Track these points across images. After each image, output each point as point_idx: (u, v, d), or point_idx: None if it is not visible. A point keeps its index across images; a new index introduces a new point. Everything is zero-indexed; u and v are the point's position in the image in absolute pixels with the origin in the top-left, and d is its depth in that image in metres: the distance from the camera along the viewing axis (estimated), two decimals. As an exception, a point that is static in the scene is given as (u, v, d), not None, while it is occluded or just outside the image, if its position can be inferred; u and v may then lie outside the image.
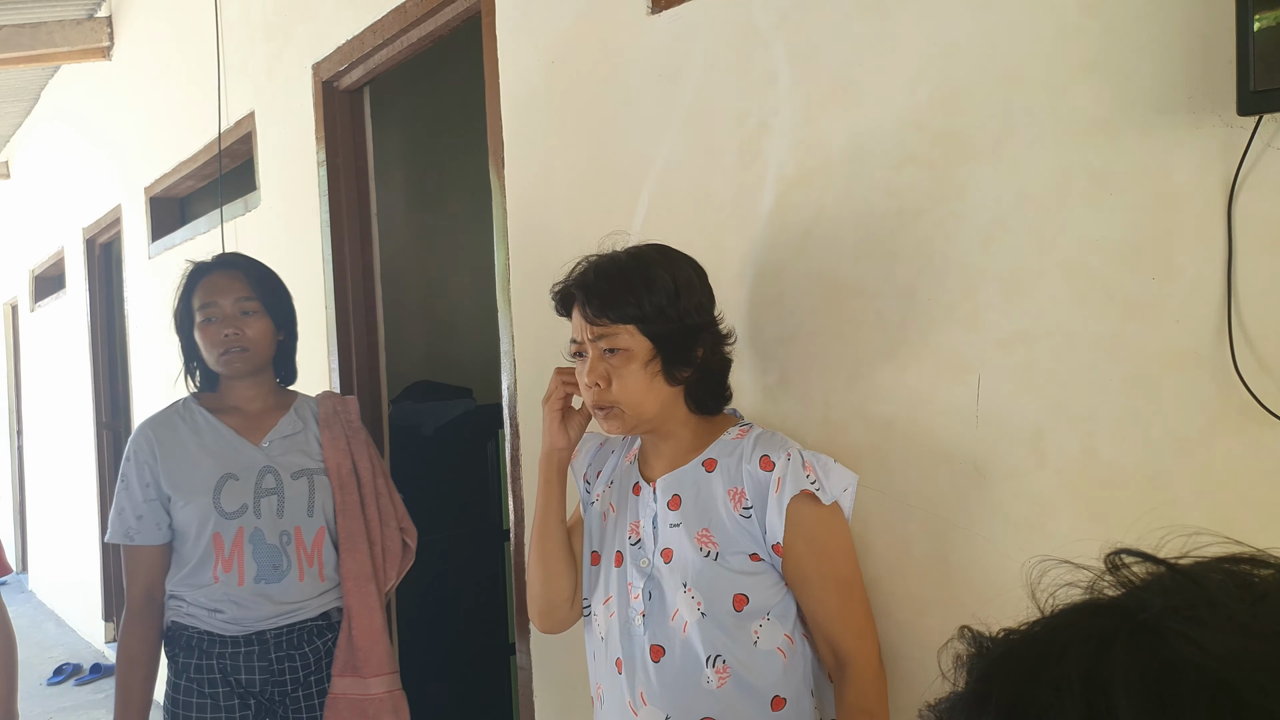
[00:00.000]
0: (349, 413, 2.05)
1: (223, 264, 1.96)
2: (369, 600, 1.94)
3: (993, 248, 1.20)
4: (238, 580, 1.86)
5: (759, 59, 1.50)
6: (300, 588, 1.91)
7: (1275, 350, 0.97)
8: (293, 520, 1.91)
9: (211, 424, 1.94)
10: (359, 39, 2.60)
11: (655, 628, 1.32)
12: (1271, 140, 0.96)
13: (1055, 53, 1.14)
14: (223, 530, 1.86)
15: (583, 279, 1.30)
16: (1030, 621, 0.44)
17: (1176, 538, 0.48)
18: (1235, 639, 0.38)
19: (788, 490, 1.24)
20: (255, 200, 3.32)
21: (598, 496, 1.47)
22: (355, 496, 1.96)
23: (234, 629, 1.88)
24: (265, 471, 1.91)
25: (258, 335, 1.91)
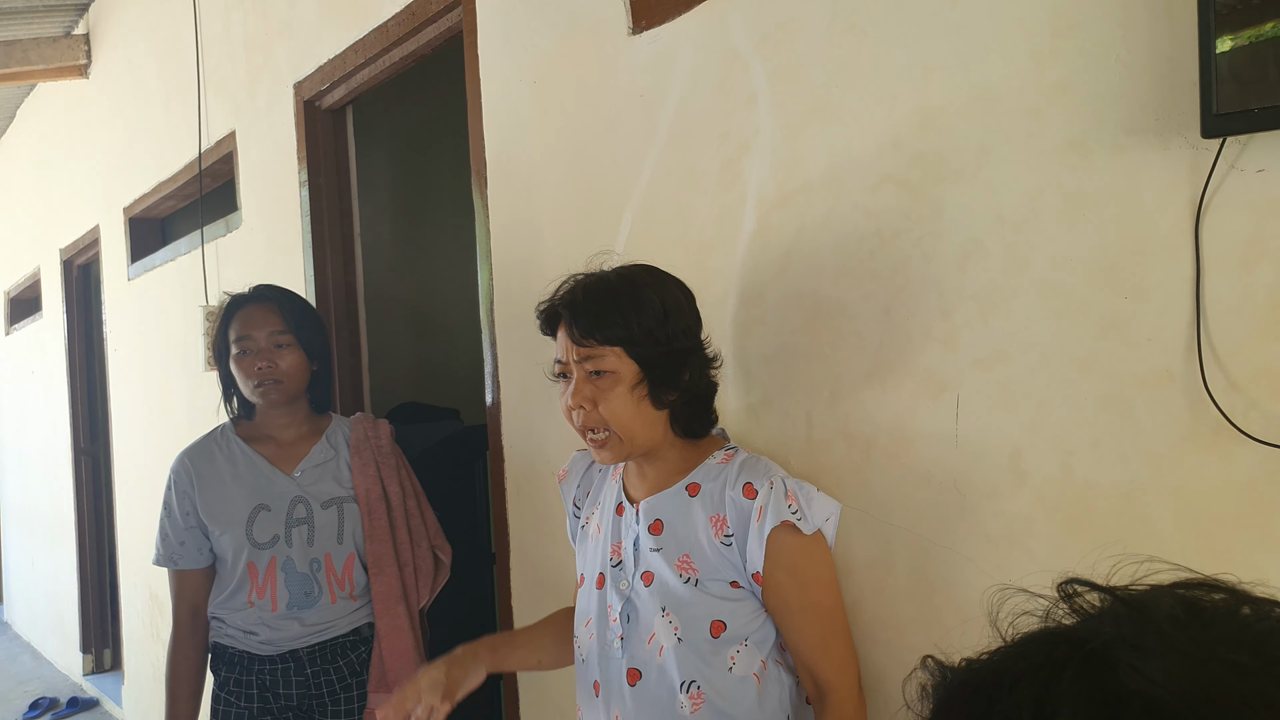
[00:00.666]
0: (380, 437, 2.11)
1: (257, 297, 2.03)
2: (398, 622, 2.02)
3: (969, 267, 1.22)
4: (271, 607, 1.97)
5: (739, 79, 1.52)
6: (332, 609, 2.00)
7: (1243, 368, 0.98)
8: (323, 548, 1.99)
9: (246, 454, 2.03)
10: (341, 58, 2.61)
11: (632, 651, 1.31)
12: (1235, 162, 0.98)
13: (1029, 74, 1.16)
14: (256, 560, 1.96)
15: (570, 298, 1.28)
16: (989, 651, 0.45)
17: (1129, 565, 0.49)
18: (1179, 666, 0.39)
19: (769, 520, 1.24)
20: (237, 220, 3.31)
21: (588, 519, 1.46)
22: (384, 521, 2.03)
23: (268, 649, 1.99)
24: (297, 501, 2.00)
25: (290, 367, 1.98)
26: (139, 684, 4.44)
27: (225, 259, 3.41)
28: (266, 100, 3.04)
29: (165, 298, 3.94)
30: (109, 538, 5.18)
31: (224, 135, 3.33)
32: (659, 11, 1.65)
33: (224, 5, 3.27)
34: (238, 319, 2.00)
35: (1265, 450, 0.96)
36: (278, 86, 2.95)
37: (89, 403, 5.46)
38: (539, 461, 2.01)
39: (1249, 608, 0.42)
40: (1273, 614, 0.42)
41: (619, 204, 1.75)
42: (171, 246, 3.92)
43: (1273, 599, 0.43)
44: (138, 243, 4.36)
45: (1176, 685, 0.38)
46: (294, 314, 2.01)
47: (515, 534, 2.11)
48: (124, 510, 4.67)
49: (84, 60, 4.82)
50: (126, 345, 4.49)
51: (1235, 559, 0.99)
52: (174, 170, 3.79)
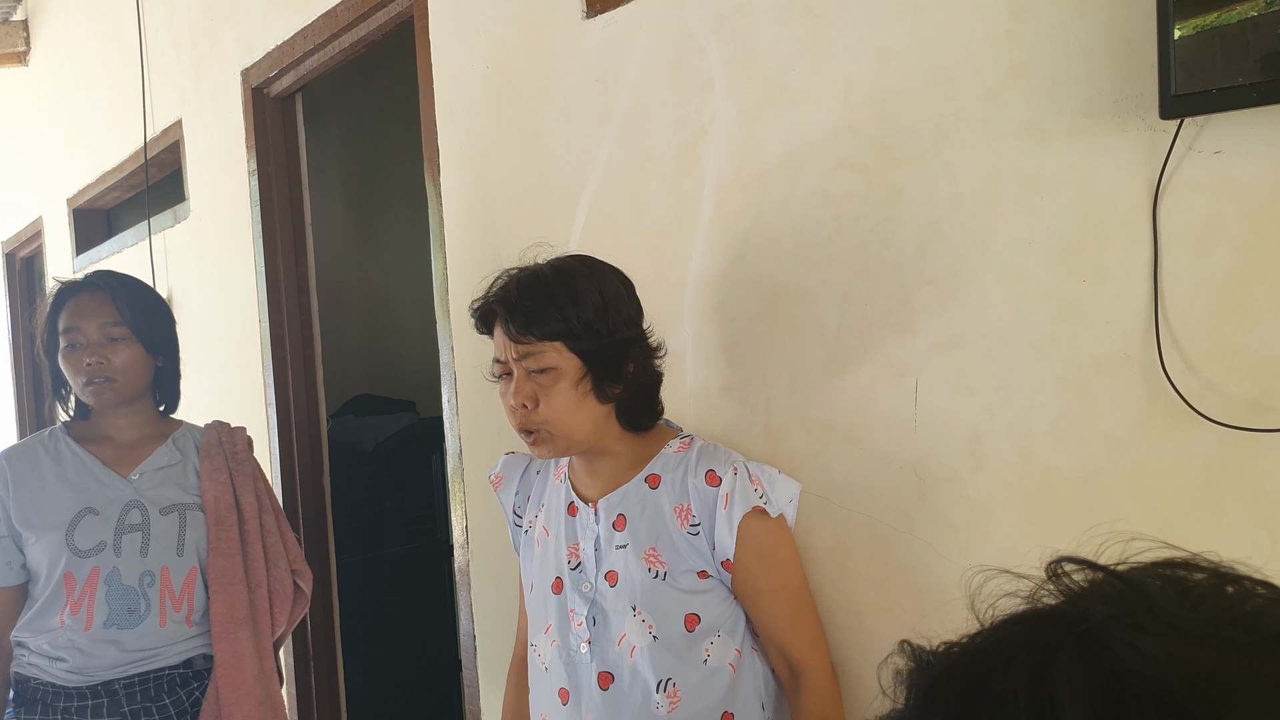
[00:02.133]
0: (235, 443, 1.90)
1: (90, 285, 1.79)
2: (238, 647, 1.76)
3: (927, 252, 1.21)
4: (85, 624, 1.69)
5: (695, 64, 1.50)
6: (160, 634, 1.73)
7: (1200, 350, 0.98)
8: (159, 559, 1.74)
9: (76, 454, 1.79)
10: (289, 44, 2.55)
11: (602, 654, 1.27)
12: (1193, 143, 0.97)
13: (985, 57, 1.15)
14: (75, 569, 1.70)
15: (504, 294, 1.24)
16: (971, 634, 0.44)
17: (1114, 544, 0.48)
18: (1177, 645, 0.38)
19: (737, 508, 1.22)
20: (185, 211, 3.23)
21: (529, 523, 1.41)
22: (234, 534, 1.80)
23: (77, 679, 1.70)
24: (131, 506, 1.75)
25: (126, 364, 1.76)
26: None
27: (174, 250, 3.33)
28: (213, 88, 2.96)
29: (111, 291, 3.83)
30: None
31: (170, 124, 3.25)
32: (613, -6, 1.62)
33: (168, -11, 3.18)
34: (66, 309, 1.76)
35: (1222, 432, 0.97)
36: (225, 74, 2.88)
37: (35, 399, 5.32)
38: (495, 452, 1.98)
39: (1232, 586, 0.42)
40: (1257, 592, 0.41)
41: (574, 191, 1.72)
42: (118, 238, 3.83)
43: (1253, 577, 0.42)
44: (82, 235, 4.24)
45: (1177, 663, 0.37)
46: (131, 303, 1.77)
47: (474, 525, 2.08)
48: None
49: (23, 47, 4.68)
50: (72, 340, 4.37)
51: (1193, 541, 0.99)
52: (119, 160, 3.69)
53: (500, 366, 1.26)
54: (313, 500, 2.80)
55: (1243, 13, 0.91)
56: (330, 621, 2.82)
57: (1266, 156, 0.93)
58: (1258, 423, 0.94)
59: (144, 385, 1.81)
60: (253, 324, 2.83)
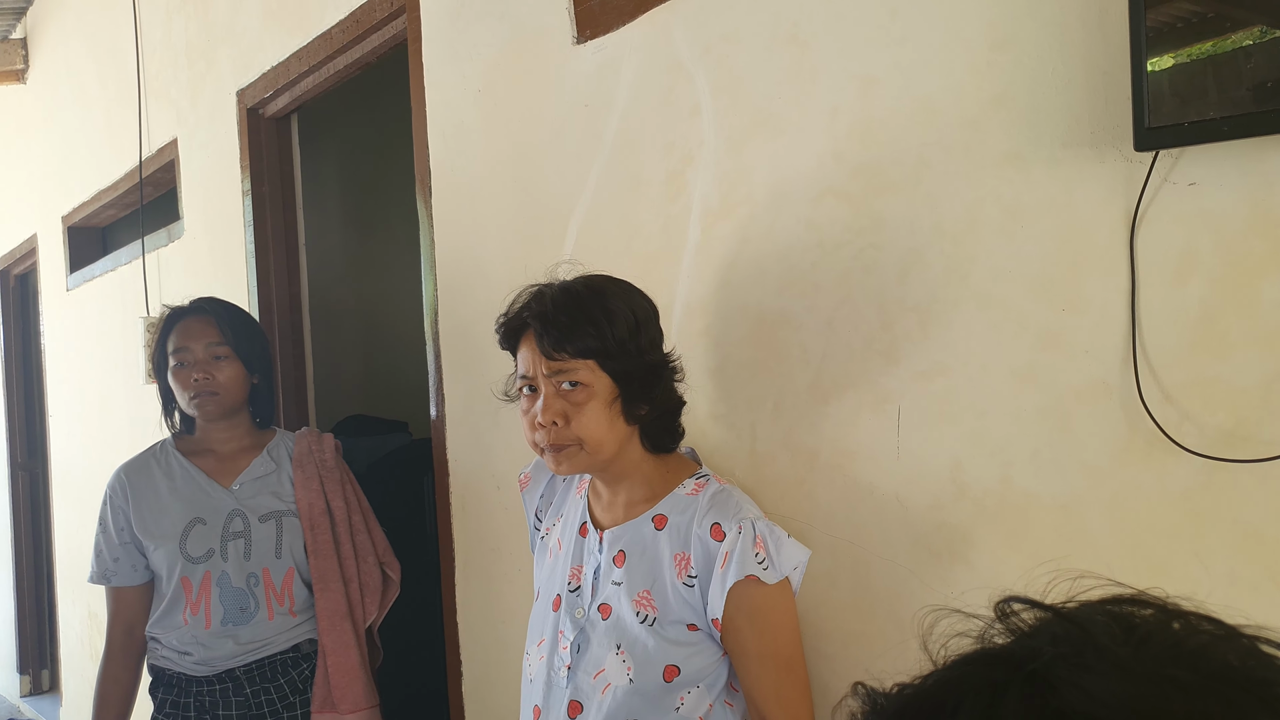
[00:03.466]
0: (324, 451, 2.06)
1: (196, 309, 2.00)
2: (344, 637, 1.97)
3: (909, 279, 1.22)
4: (205, 623, 1.92)
5: (683, 90, 1.51)
6: (269, 626, 1.95)
7: (1177, 380, 0.99)
8: (260, 562, 1.95)
9: (184, 467, 1.99)
10: (284, 65, 2.56)
11: (577, 682, 1.25)
12: (1168, 175, 0.98)
13: (967, 87, 1.16)
14: (190, 575, 1.92)
15: (539, 308, 1.21)
16: (923, 675, 0.44)
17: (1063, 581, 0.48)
18: (1122, 684, 0.38)
19: (733, 571, 1.17)
20: (179, 230, 3.24)
21: (548, 530, 1.40)
22: (328, 536, 1.99)
23: (203, 669, 1.93)
24: (234, 515, 1.95)
25: (228, 380, 1.95)
26: (77, 706, 4.31)
27: (167, 269, 3.33)
28: (209, 108, 2.98)
29: (105, 309, 3.84)
30: (47, 555, 5.03)
31: (165, 143, 3.26)
32: (603, 21, 1.64)
33: (165, 11, 3.20)
34: (175, 331, 1.97)
35: (1198, 462, 0.97)
36: (220, 94, 2.90)
37: (26, 417, 5.31)
38: (484, 475, 1.98)
39: (1179, 623, 0.42)
40: (1202, 629, 0.42)
41: (564, 214, 1.73)
42: (111, 256, 3.83)
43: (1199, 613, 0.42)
44: (77, 252, 4.25)
45: (1119, 703, 0.37)
46: (232, 326, 1.98)
47: (460, 549, 2.07)
48: (62, 527, 4.54)
49: (21, 65, 4.71)
50: (65, 357, 4.37)
51: (1172, 571, 1.00)
52: (114, 178, 3.70)
53: (525, 381, 1.24)
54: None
55: (1216, 49, 0.92)
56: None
57: (1239, 189, 0.94)
58: (1234, 453, 0.95)
59: (242, 399, 2.00)
60: (245, 343, 2.83)
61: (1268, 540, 0.93)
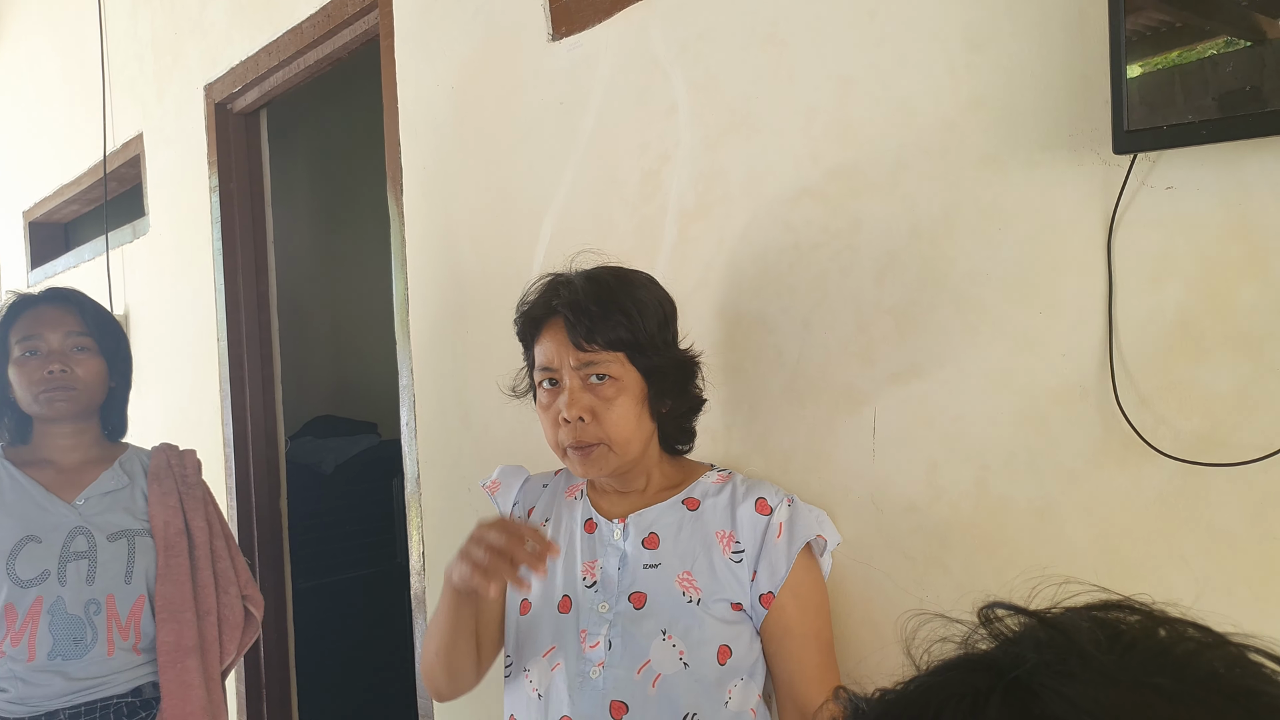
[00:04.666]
0: (185, 466, 1.85)
1: (54, 297, 1.75)
2: (186, 676, 1.70)
3: (886, 281, 1.21)
4: (27, 655, 1.63)
5: (659, 89, 1.50)
6: (108, 662, 1.67)
7: (1153, 384, 0.99)
8: (106, 587, 1.68)
9: (15, 479, 1.71)
10: (253, 60, 2.52)
11: (617, 681, 1.15)
12: (1146, 178, 0.98)
13: (945, 89, 1.16)
14: (16, 600, 1.63)
15: (569, 296, 1.15)
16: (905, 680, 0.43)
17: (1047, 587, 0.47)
18: (1106, 692, 0.38)
19: (798, 537, 1.16)
20: (144, 227, 3.18)
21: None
22: (184, 560, 1.75)
23: (19, 709, 1.63)
24: (76, 533, 1.69)
25: (89, 375, 1.72)
26: None
27: (132, 266, 3.27)
28: (175, 102, 2.92)
29: (67, 306, 3.76)
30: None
31: (131, 137, 3.20)
32: (579, 18, 1.62)
33: (131, 3, 3.14)
34: (25, 319, 1.70)
35: (1174, 465, 0.97)
36: (187, 88, 2.85)
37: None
38: (454, 477, 1.96)
39: (1165, 630, 0.42)
40: (1189, 636, 0.41)
41: (538, 213, 1.71)
42: (74, 252, 3.76)
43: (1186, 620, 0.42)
44: (38, 248, 4.17)
45: (1102, 711, 0.37)
46: (96, 318, 1.75)
47: (431, 551, 2.05)
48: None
49: (-17, 57, 4.60)
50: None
51: (1147, 575, 1.00)
52: (78, 173, 3.63)
53: (547, 375, 1.17)
54: (269, 523, 2.75)
55: (1197, 52, 0.92)
56: (284, 649, 2.77)
57: (1216, 193, 0.94)
58: (1208, 457, 0.95)
59: (98, 402, 1.76)
60: (211, 342, 2.79)
61: (1241, 544, 0.94)
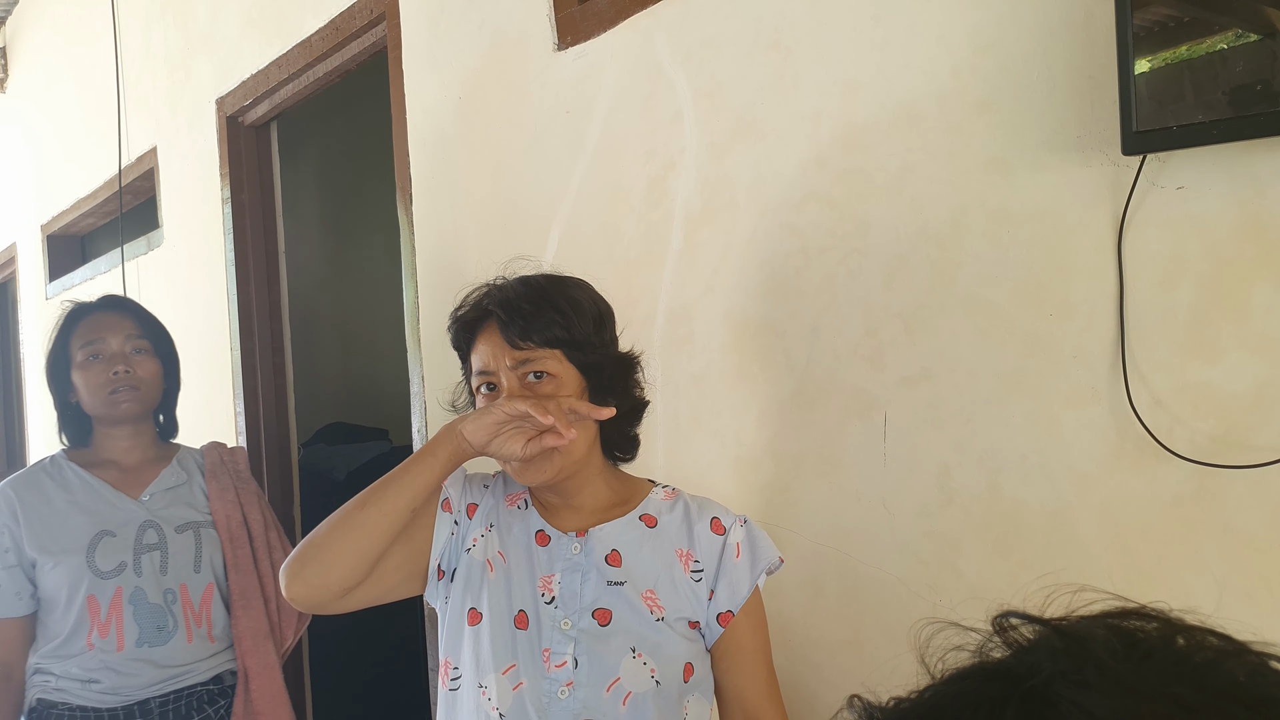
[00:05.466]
0: (237, 463, 1.92)
1: (110, 304, 1.84)
2: (268, 660, 1.79)
3: (895, 285, 1.20)
4: (116, 645, 1.69)
5: (664, 96, 1.50)
6: (188, 650, 1.74)
7: (1166, 384, 0.98)
8: (178, 577, 1.75)
9: (84, 478, 1.77)
10: (264, 73, 2.54)
11: (586, 701, 1.12)
12: (1155, 179, 0.97)
13: (950, 91, 1.15)
14: (98, 591, 1.69)
15: (501, 296, 1.15)
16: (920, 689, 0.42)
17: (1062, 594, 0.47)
18: (1121, 701, 0.37)
19: (761, 560, 1.17)
20: (158, 238, 3.21)
21: (475, 541, 1.20)
22: (247, 550, 1.83)
23: (112, 699, 1.70)
24: (146, 526, 1.75)
25: (149, 375, 1.79)
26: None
27: (146, 277, 3.30)
28: (188, 116, 2.95)
29: (84, 319, 3.80)
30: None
31: (145, 151, 3.23)
32: (584, 28, 1.62)
33: (144, 20, 3.17)
34: (85, 325, 1.78)
35: (1189, 468, 0.96)
36: (199, 102, 2.87)
37: (6, 426, 5.25)
38: (468, 485, 1.96)
39: (1183, 638, 0.41)
40: (1208, 644, 0.40)
41: (545, 221, 1.71)
42: (91, 265, 3.79)
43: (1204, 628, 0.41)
44: (56, 261, 4.21)
45: None
46: (150, 323, 1.84)
47: (444, 560, 2.05)
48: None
49: (1, 74, 4.66)
50: (44, 368, 4.32)
51: (1164, 579, 0.99)
52: (94, 187, 3.66)
53: (485, 379, 1.15)
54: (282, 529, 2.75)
55: (1206, 49, 0.91)
56: (299, 653, 2.77)
57: (1227, 193, 0.93)
58: (1224, 459, 0.94)
59: (156, 402, 1.84)
60: (224, 351, 2.80)
61: (1260, 546, 0.92)
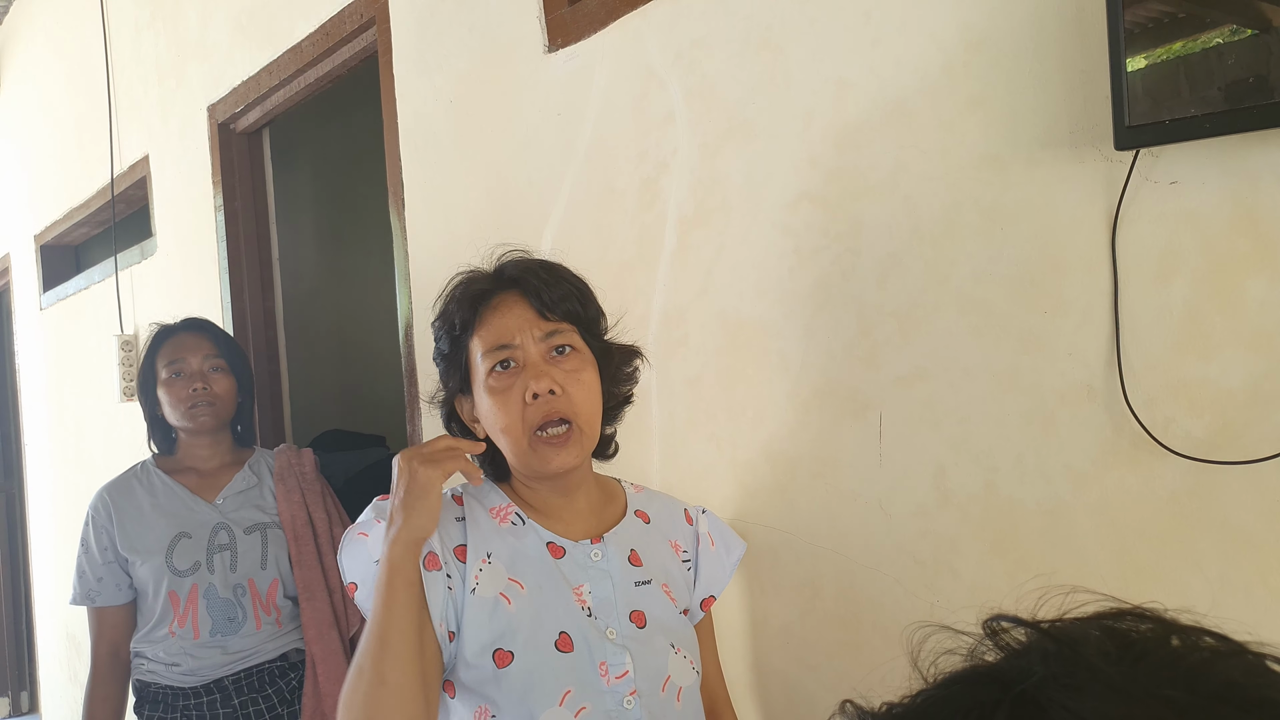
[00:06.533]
0: (304, 465, 2.10)
1: (190, 325, 2.04)
2: (332, 646, 1.98)
3: (888, 284, 1.20)
4: (193, 634, 1.92)
5: (656, 97, 1.49)
6: (257, 635, 1.96)
7: (1162, 382, 0.97)
8: (246, 573, 1.96)
9: (167, 484, 2.00)
10: (255, 79, 2.53)
11: (650, 707, 1.08)
12: (1149, 174, 0.97)
13: (942, 89, 1.14)
14: (177, 588, 1.92)
15: (517, 270, 1.09)
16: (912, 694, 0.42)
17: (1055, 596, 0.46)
18: (1113, 705, 0.36)
19: (734, 548, 1.25)
20: (152, 247, 3.20)
21: (476, 579, 1.08)
22: (312, 547, 2.00)
23: (191, 680, 1.93)
24: (219, 528, 1.97)
25: (225, 391, 1.99)
26: (56, 733, 4.23)
27: (140, 286, 3.29)
28: (180, 123, 2.94)
29: (79, 327, 3.79)
30: (24, 577, 4.96)
31: (137, 159, 3.22)
32: (575, 29, 1.62)
33: (134, 27, 3.16)
34: (168, 345, 2.00)
35: (1185, 464, 0.95)
36: (191, 109, 2.86)
37: (1, 437, 5.23)
38: (464, 491, 1.95)
39: (1178, 638, 0.40)
40: (1202, 644, 0.40)
41: (538, 224, 1.70)
42: (84, 274, 3.78)
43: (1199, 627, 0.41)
44: (50, 271, 4.19)
45: None
46: (225, 343, 2.05)
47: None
48: (39, 548, 4.46)
49: (-9, 83, 4.64)
50: (40, 377, 4.31)
51: (1162, 577, 0.98)
52: (86, 196, 3.65)
53: (503, 355, 1.07)
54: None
55: (1199, 44, 0.90)
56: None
57: (1222, 187, 0.92)
58: (1221, 455, 0.93)
59: (231, 415, 2.04)
60: (219, 361, 2.79)
61: (1258, 543, 0.92)
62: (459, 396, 1.16)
